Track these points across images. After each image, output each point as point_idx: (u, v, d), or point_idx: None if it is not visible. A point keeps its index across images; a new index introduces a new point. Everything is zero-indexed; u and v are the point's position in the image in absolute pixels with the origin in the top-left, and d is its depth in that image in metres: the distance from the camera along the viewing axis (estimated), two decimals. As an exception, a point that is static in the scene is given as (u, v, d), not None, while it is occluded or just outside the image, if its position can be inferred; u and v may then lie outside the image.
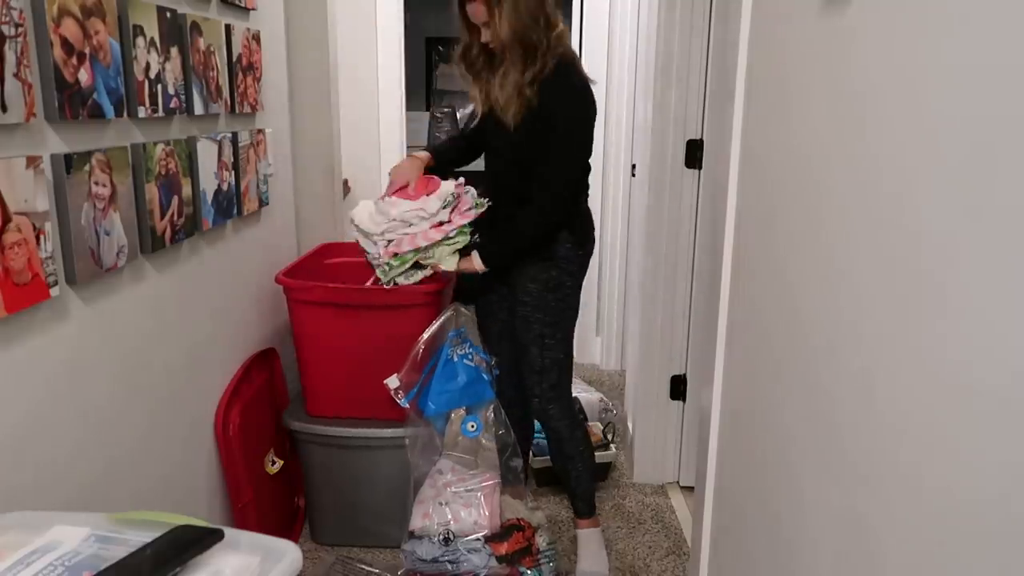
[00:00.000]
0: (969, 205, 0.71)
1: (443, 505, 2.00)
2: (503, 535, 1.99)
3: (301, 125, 2.61)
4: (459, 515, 1.98)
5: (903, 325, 0.83)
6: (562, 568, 2.17)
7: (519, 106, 1.90)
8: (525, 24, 1.83)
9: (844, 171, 1.00)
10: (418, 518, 2.00)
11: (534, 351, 2.05)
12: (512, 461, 2.10)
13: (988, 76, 0.69)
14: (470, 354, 2.08)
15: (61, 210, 1.23)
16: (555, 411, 2.09)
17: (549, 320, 2.04)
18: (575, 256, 2.05)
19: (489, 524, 1.98)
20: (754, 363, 1.41)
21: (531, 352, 2.06)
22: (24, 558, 0.88)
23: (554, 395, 2.08)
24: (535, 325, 2.04)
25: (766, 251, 1.36)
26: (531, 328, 2.04)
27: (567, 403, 2.13)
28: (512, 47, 1.85)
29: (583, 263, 2.09)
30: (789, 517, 1.19)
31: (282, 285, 2.12)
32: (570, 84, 1.92)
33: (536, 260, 2.02)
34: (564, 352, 2.09)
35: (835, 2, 1.04)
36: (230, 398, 1.95)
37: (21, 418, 1.18)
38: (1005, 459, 0.66)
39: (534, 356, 2.05)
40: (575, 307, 2.11)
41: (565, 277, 2.04)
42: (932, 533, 0.77)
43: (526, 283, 2.03)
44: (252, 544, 0.95)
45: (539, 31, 1.86)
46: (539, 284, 2.02)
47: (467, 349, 2.08)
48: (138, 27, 1.44)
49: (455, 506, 2.00)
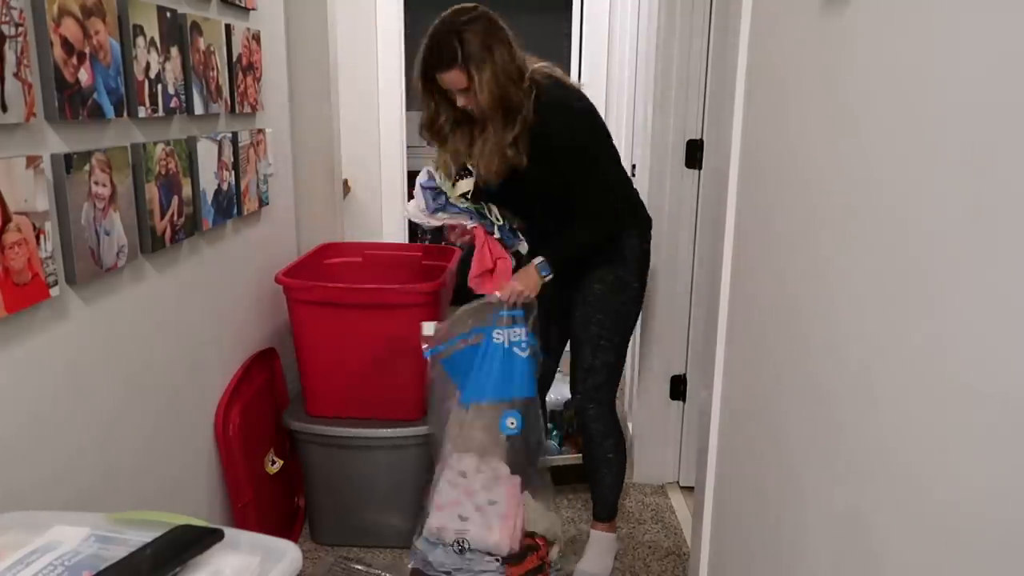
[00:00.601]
0: (968, 205, 0.71)
1: (464, 519, 1.97)
2: (519, 556, 1.97)
3: (301, 125, 2.61)
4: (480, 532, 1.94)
5: (902, 325, 0.83)
6: (567, 570, 2.17)
7: (500, 165, 1.88)
8: (505, 86, 1.80)
9: (843, 171, 1.00)
10: (435, 520, 1.97)
11: (587, 350, 2.04)
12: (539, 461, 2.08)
13: (987, 76, 0.69)
14: (524, 343, 1.96)
15: (61, 210, 1.23)
16: (593, 411, 2.08)
17: (608, 323, 2.02)
18: (640, 252, 2.05)
19: (509, 546, 1.95)
20: (754, 363, 1.41)
21: (584, 350, 2.04)
22: (24, 558, 0.88)
23: (596, 396, 2.07)
24: (593, 326, 2.02)
25: (766, 251, 1.36)
26: (589, 328, 2.02)
27: (607, 408, 2.10)
28: (494, 111, 1.82)
29: (647, 260, 2.08)
30: (789, 517, 1.19)
31: (282, 285, 2.12)
32: (566, 110, 1.89)
33: (602, 261, 2.00)
34: (616, 356, 2.07)
35: (835, 2, 1.04)
36: (230, 398, 1.95)
37: (21, 418, 1.18)
38: (1004, 458, 0.66)
39: (586, 355, 2.04)
40: (636, 312, 2.09)
41: (631, 278, 2.03)
42: (932, 532, 0.77)
43: (592, 284, 2.02)
44: (252, 544, 0.95)
45: (518, 88, 1.83)
46: (605, 285, 2.01)
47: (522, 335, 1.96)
48: (138, 27, 1.44)
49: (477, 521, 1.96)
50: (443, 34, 1.80)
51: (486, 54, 1.78)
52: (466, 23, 1.80)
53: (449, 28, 1.80)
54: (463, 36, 1.78)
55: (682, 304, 2.58)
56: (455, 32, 1.79)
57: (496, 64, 1.79)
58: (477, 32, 1.79)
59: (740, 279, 1.53)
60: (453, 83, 1.83)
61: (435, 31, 1.82)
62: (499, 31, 1.83)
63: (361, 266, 2.56)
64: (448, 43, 1.79)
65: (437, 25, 1.83)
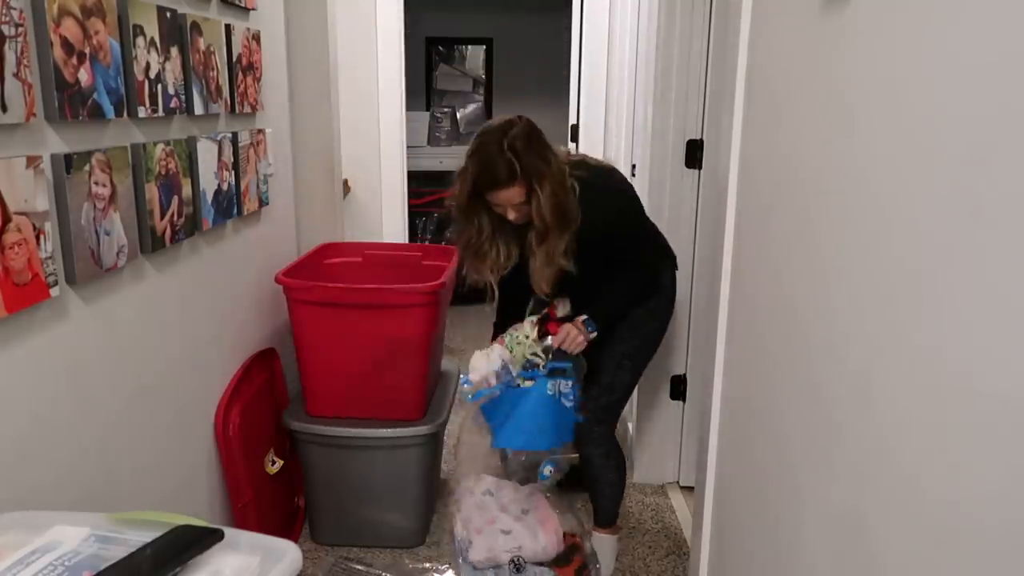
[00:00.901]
0: (967, 206, 0.71)
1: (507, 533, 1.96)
2: (566, 557, 1.98)
3: (301, 125, 2.61)
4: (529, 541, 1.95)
5: (900, 325, 0.83)
6: None
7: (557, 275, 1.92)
8: (562, 195, 1.82)
9: (842, 171, 1.00)
10: (481, 546, 1.96)
11: (609, 369, 2.06)
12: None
13: (987, 76, 0.69)
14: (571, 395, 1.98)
15: (61, 210, 1.23)
16: (597, 434, 2.09)
17: (637, 344, 2.07)
18: (672, 282, 2.12)
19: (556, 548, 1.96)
20: (754, 363, 1.41)
21: (607, 369, 2.06)
22: (24, 558, 0.88)
23: (603, 416, 2.09)
24: (621, 345, 2.05)
25: (766, 251, 1.36)
26: (616, 347, 2.05)
27: (607, 429, 2.12)
28: (555, 221, 1.83)
29: (675, 293, 2.14)
30: (788, 517, 1.19)
31: (282, 285, 2.12)
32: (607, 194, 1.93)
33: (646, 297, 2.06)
34: (633, 379, 2.11)
35: (834, 2, 1.04)
36: (230, 398, 1.95)
37: (21, 418, 1.18)
38: (1003, 458, 0.66)
39: (607, 374, 2.06)
40: (659, 341, 2.14)
41: (664, 306, 2.10)
42: (930, 532, 0.77)
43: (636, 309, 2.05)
44: (252, 544, 0.95)
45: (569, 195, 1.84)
46: (644, 308, 2.05)
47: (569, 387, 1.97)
48: (138, 27, 1.44)
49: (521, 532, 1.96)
50: (497, 151, 1.79)
51: (544, 166, 1.80)
52: (517, 137, 1.80)
53: (501, 144, 1.79)
54: (517, 150, 1.78)
55: (682, 304, 2.57)
56: (510, 148, 1.78)
57: (553, 175, 1.81)
58: (531, 145, 1.80)
59: (740, 279, 1.53)
60: (510, 199, 1.83)
61: (486, 149, 1.82)
62: (544, 140, 1.85)
63: (361, 266, 2.56)
64: (505, 160, 1.78)
65: (486, 142, 1.83)
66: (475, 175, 1.82)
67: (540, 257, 1.89)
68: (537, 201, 1.80)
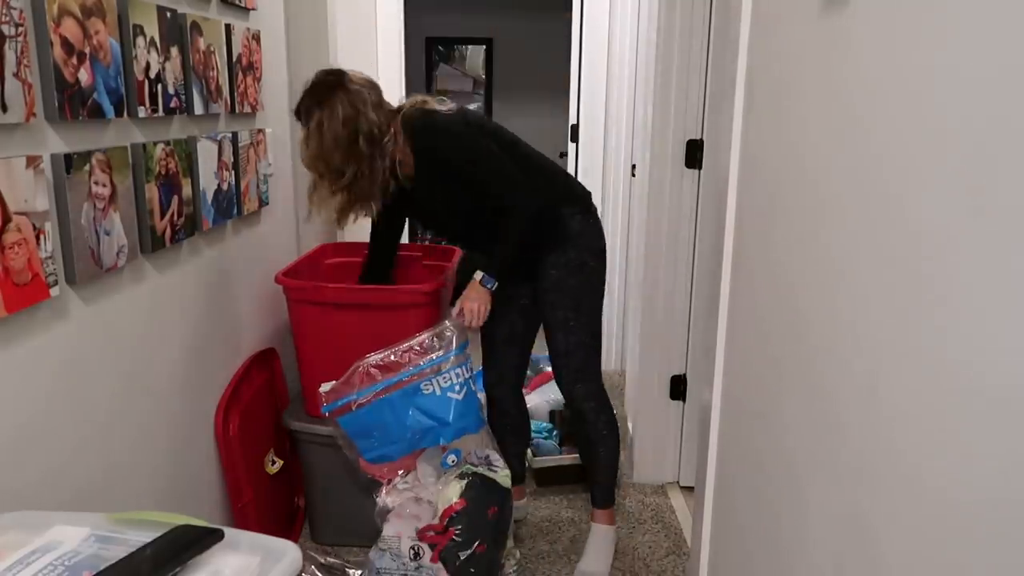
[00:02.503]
0: (968, 205, 0.71)
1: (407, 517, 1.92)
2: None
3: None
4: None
5: (903, 325, 0.83)
6: (554, 572, 2.17)
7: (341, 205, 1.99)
8: (321, 141, 1.90)
9: (843, 171, 1.00)
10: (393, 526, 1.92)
11: (559, 336, 2.05)
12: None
13: (987, 76, 0.69)
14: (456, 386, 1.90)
15: (61, 210, 1.23)
16: (581, 390, 2.09)
17: (571, 304, 2.03)
18: (588, 227, 2.04)
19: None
20: (754, 363, 1.41)
21: (556, 337, 2.06)
22: (24, 558, 0.88)
23: (580, 376, 2.08)
24: (558, 311, 2.03)
25: (766, 251, 1.36)
26: (555, 313, 2.04)
27: (594, 386, 2.11)
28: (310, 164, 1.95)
29: (599, 232, 2.08)
30: (789, 517, 1.19)
31: (282, 285, 2.12)
32: (429, 130, 1.94)
33: (554, 246, 2.01)
34: (589, 334, 2.07)
35: (834, 2, 1.04)
36: (230, 398, 1.95)
37: (21, 418, 1.18)
38: (1006, 458, 0.65)
39: (559, 340, 2.05)
40: (599, 288, 2.09)
41: (585, 255, 2.03)
42: (932, 533, 0.77)
43: (548, 270, 2.03)
44: (252, 544, 0.95)
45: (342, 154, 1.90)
46: (560, 268, 2.02)
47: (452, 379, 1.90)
48: (138, 27, 1.44)
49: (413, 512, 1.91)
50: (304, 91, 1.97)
51: (316, 109, 1.91)
52: (313, 82, 1.96)
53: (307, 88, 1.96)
54: (305, 93, 1.95)
55: (682, 304, 2.58)
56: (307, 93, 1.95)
57: (325, 132, 1.90)
58: (316, 90, 1.94)
59: (740, 279, 1.53)
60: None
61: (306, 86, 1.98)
62: (342, 100, 1.91)
63: (361, 266, 2.56)
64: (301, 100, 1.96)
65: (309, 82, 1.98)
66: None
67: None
68: (304, 140, 1.94)
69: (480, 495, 1.91)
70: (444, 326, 1.94)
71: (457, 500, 1.88)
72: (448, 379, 1.91)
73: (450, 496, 1.89)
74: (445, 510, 1.88)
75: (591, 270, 2.05)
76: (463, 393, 1.91)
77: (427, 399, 1.89)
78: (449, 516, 1.88)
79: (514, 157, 1.99)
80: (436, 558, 1.87)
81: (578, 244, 2.02)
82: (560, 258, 2.01)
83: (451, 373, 1.91)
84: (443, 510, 1.88)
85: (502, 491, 1.96)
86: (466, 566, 1.88)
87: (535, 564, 2.22)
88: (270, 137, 2.19)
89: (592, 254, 2.05)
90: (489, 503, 1.92)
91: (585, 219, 2.04)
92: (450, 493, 1.90)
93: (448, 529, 1.88)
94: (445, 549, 1.87)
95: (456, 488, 1.90)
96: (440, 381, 1.90)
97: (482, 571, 1.91)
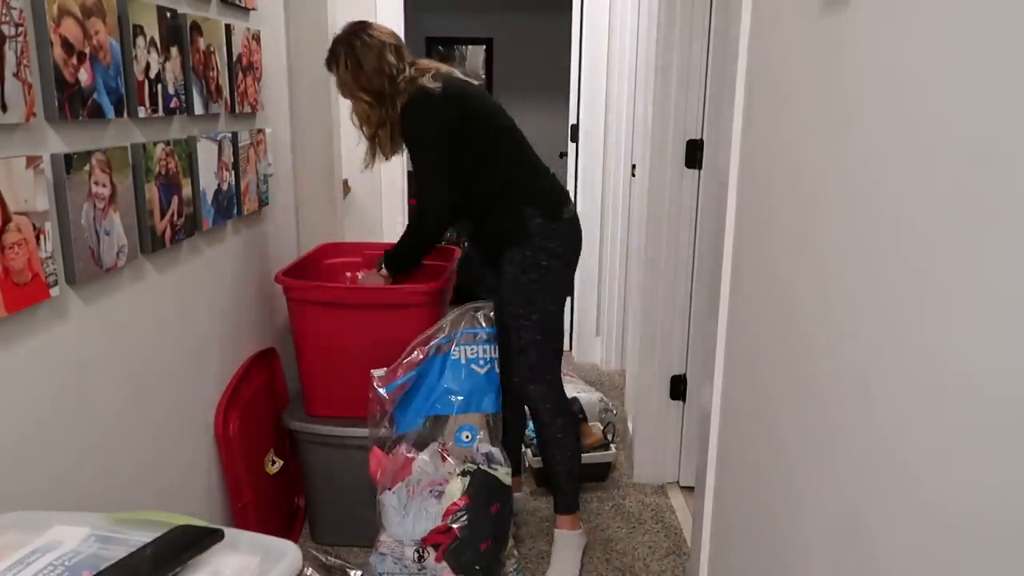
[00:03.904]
0: (965, 207, 0.71)
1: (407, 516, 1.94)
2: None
3: (301, 125, 2.61)
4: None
5: (899, 325, 0.83)
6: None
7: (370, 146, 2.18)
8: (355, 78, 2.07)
9: (842, 171, 1.00)
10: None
11: (512, 333, 2.04)
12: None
13: (988, 75, 0.69)
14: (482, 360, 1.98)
15: (61, 210, 1.23)
16: (534, 391, 2.06)
17: (522, 300, 2.01)
18: (549, 230, 2.02)
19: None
20: (754, 363, 1.41)
21: (509, 333, 2.04)
22: (24, 558, 0.88)
23: (531, 376, 2.05)
24: (510, 306, 2.03)
25: (765, 251, 1.36)
26: (507, 309, 2.03)
27: (549, 386, 2.07)
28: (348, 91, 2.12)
29: (565, 237, 2.05)
30: (787, 517, 1.19)
31: (282, 285, 2.12)
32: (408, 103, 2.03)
33: (512, 242, 2.02)
34: (541, 333, 2.03)
35: (834, 3, 1.04)
36: (230, 398, 1.95)
37: (21, 418, 1.18)
38: (1001, 459, 0.66)
39: (512, 337, 2.04)
40: (555, 287, 2.06)
41: (541, 256, 2.01)
42: (928, 533, 0.77)
43: (504, 265, 2.03)
44: (252, 544, 0.95)
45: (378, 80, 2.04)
46: (514, 265, 2.01)
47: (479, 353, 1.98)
48: (138, 27, 1.44)
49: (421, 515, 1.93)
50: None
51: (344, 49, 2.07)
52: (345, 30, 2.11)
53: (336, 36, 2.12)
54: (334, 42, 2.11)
55: (682, 304, 2.58)
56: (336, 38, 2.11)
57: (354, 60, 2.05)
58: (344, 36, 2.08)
59: (740, 279, 1.53)
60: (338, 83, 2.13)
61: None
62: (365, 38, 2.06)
63: (361, 266, 2.56)
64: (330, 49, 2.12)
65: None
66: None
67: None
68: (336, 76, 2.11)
69: (483, 492, 1.91)
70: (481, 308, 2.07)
71: (460, 497, 1.89)
72: (475, 351, 1.98)
73: (453, 493, 1.90)
74: (448, 507, 1.89)
75: (546, 269, 2.02)
76: (486, 369, 1.98)
77: (453, 364, 1.96)
78: (452, 513, 1.89)
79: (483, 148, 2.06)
80: (440, 557, 1.88)
81: (533, 244, 2.01)
82: (516, 255, 2.01)
83: (480, 347, 1.98)
84: (446, 508, 1.89)
85: (504, 488, 1.97)
86: (471, 564, 1.88)
87: (535, 564, 2.22)
88: (270, 137, 2.19)
89: (548, 254, 2.02)
90: (491, 500, 1.93)
91: (546, 221, 2.02)
92: (453, 490, 1.91)
93: (452, 527, 1.88)
94: (449, 547, 1.88)
95: (459, 485, 1.91)
96: (467, 351, 1.98)
97: (485, 568, 1.91)
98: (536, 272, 2.01)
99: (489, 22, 6.43)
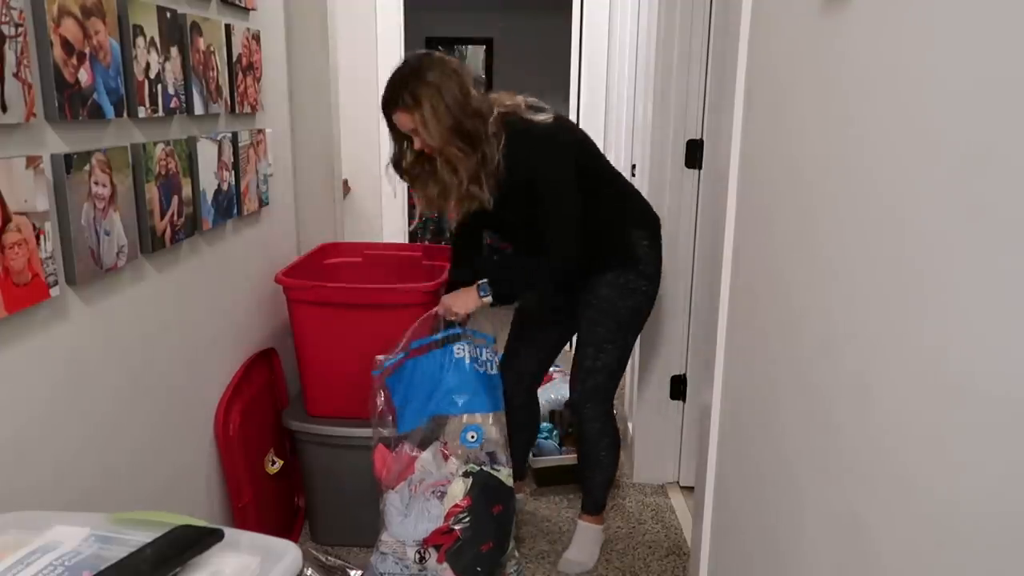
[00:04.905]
0: (966, 205, 0.71)
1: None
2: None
3: (301, 125, 2.61)
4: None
5: (899, 325, 0.83)
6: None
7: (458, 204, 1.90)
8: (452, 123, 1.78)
9: (842, 171, 1.00)
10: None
11: (590, 351, 2.05)
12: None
13: (987, 75, 0.69)
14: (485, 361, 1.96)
15: (61, 210, 1.23)
16: (589, 411, 2.10)
17: (614, 327, 2.03)
18: (651, 256, 2.04)
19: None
20: (754, 363, 1.41)
21: (587, 351, 2.05)
22: (24, 558, 0.88)
23: (594, 396, 2.08)
24: (599, 329, 2.03)
25: (765, 251, 1.36)
26: (594, 331, 2.03)
27: (603, 409, 2.12)
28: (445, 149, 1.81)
29: (659, 263, 2.06)
30: (787, 517, 1.19)
31: (282, 285, 2.12)
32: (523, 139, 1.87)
33: (615, 266, 2.01)
34: (618, 359, 2.07)
35: (834, 3, 1.04)
36: (230, 398, 1.95)
37: (21, 418, 1.18)
38: (1001, 459, 0.66)
39: (588, 356, 2.05)
40: (643, 315, 2.08)
41: (642, 282, 2.02)
42: (928, 533, 0.77)
43: (600, 287, 2.01)
44: (252, 544, 0.95)
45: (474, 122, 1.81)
46: (614, 289, 2.01)
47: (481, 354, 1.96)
48: (138, 27, 1.44)
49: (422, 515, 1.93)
50: (396, 76, 1.83)
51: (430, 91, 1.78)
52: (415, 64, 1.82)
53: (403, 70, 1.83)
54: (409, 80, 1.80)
55: (682, 304, 2.58)
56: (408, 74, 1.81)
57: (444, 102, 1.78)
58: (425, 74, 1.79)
59: (740, 279, 1.53)
60: (404, 124, 1.84)
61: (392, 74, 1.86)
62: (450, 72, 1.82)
63: (361, 266, 2.56)
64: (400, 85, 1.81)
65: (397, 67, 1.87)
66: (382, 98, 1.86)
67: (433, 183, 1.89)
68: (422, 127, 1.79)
69: (485, 493, 1.91)
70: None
71: (462, 498, 1.89)
72: (478, 352, 1.96)
73: (455, 494, 1.90)
74: (450, 509, 1.89)
75: (642, 296, 2.04)
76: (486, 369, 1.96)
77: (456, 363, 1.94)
78: (454, 514, 1.89)
79: (595, 171, 1.99)
80: (442, 558, 1.88)
81: (638, 269, 2.01)
82: (618, 278, 2.01)
83: (483, 349, 1.97)
84: (448, 509, 1.89)
85: (506, 490, 1.97)
86: (472, 565, 1.89)
87: (535, 564, 2.22)
88: (270, 137, 2.19)
89: (648, 280, 2.04)
90: (493, 501, 1.93)
91: (652, 245, 2.05)
92: (455, 491, 1.91)
93: (453, 529, 1.88)
94: (451, 548, 1.88)
95: (461, 486, 1.91)
96: (470, 350, 1.95)
97: (486, 570, 1.91)
98: (633, 299, 2.02)
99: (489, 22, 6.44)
